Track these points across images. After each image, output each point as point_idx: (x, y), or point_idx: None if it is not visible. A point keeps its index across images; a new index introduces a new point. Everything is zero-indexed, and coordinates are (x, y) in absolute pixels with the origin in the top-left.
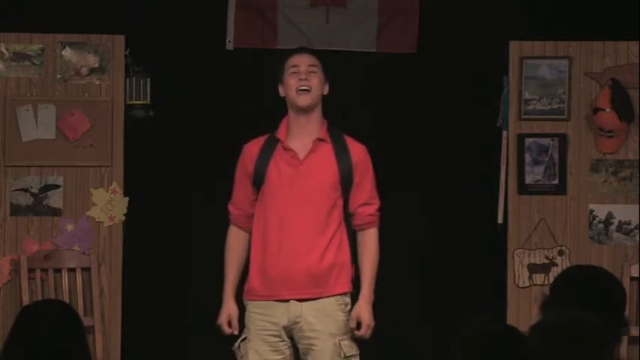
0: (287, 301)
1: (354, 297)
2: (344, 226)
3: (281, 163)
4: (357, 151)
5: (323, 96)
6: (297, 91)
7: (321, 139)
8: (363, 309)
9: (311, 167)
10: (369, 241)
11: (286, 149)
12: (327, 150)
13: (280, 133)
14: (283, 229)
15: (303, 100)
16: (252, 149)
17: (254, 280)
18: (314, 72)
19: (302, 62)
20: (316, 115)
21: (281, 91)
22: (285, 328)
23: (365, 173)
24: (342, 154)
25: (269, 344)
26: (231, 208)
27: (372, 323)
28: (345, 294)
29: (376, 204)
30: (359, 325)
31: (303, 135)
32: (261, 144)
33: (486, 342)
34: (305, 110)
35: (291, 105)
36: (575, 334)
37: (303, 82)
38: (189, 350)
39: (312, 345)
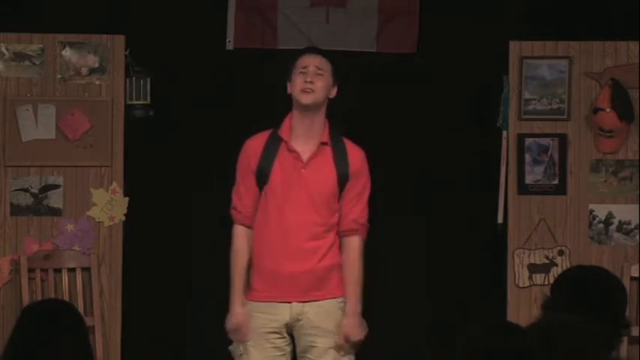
0: (290, 302)
1: None
2: None
3: (285, 164)
4: (356, 159)
5: (329, 99)
6: (302, 90)
7: (324, 143)
8: (354, 326)
9: (314, 171)
10: (352, 251)
11: (290, 150)
12: (328, 154)
13: (284, 132)
14: (286, 231)
15: (306, 99)
16: (255, 146)
17: (257, 282)
18: (321, 74)
19: (311, 63)
20: (320, 117)
21: (289, 88)
22: (287, 325)
23: (358, 180)
24: (340, 161)
25: (271, 342)
26: (235, 205)
27: (363, 336)
28: (344, 296)
29: (362, 212)
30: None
31: (307, 136)
32: (264, 141)
33: (487, 341)
34: (308, 109)
35: (295, 103)
36: (562, 338)
37: (308, 83)
38: (189, 350)
39: (313, 342)
